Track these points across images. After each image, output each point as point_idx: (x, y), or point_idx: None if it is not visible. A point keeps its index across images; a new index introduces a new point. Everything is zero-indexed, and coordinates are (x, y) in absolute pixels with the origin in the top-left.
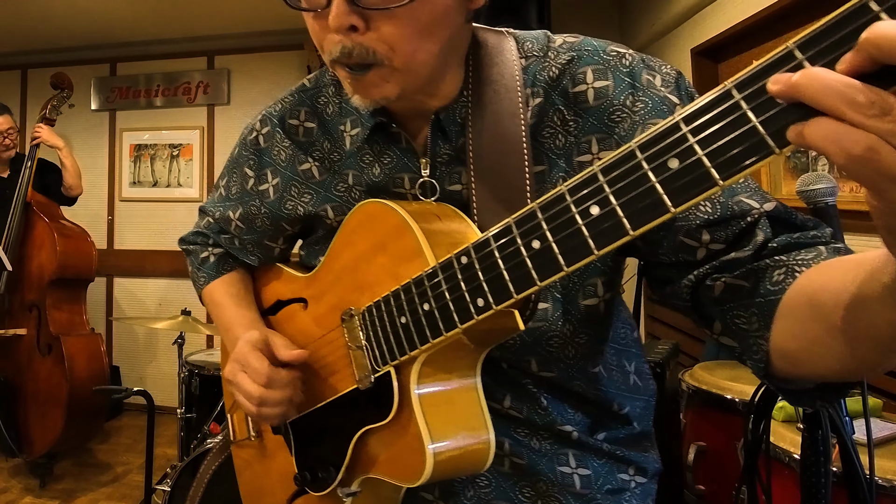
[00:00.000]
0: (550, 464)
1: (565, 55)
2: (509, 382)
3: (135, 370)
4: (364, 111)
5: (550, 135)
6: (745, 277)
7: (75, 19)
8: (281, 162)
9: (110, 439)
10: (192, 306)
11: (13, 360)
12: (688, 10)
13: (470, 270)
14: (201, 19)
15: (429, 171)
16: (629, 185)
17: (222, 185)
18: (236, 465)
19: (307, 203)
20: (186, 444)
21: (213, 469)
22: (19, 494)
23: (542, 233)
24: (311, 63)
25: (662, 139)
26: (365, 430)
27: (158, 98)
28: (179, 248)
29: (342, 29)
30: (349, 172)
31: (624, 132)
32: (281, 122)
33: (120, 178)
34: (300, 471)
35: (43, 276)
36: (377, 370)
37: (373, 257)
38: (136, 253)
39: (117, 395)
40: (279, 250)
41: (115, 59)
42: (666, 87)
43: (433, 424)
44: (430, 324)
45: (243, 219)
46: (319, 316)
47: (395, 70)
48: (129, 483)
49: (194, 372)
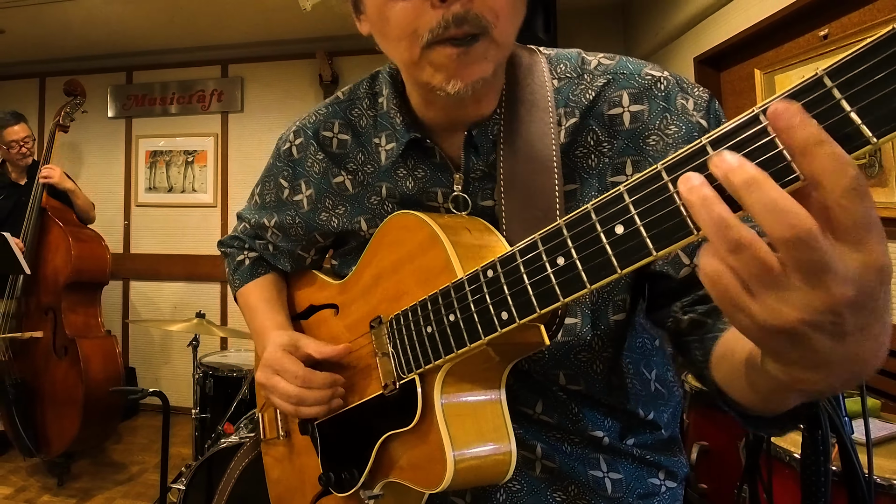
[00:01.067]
0: (582, 467)
1: (601, 78)
2: (540, 390)
3: (150, 371)
4: (457, 92)
5: (583, 154)
6: (709, 315)
7: (92, 29)
8: (315, 174)
9: (126, 439)
10: (206, 309)
11: (30, 362)
12: (691, 19)
13: (495, 284)
14: (215, 29)
15: (461, 186)
16: (655, 206)
17: (257, 192)
18: (265, 463)
19: (341, 215)
20: (201, 443)
21: (242, 465)
22: (38, 493)
23: (567, 250)
24: (322, 72)
25: (689, 161)
26: (388, 436)
27: (173, 105)
28: (193, 253)
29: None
30: (382, 185)
31: (657, 154)
32: (315, 134)
33: (136, 184)
34: (325, 472)
35: (58, 279)
36: (402, 377)
37: (403, 267)
38: (152, 257)
39: (133, 395)
40: (311, 260)
41: (131, 67)
42: (697, 112)
43: (455, 433)
44: (455, 335)
45: (279, 227)
46: (349, 322)
47: (494, 42)
48: (145, 482)
49: (208, 373)
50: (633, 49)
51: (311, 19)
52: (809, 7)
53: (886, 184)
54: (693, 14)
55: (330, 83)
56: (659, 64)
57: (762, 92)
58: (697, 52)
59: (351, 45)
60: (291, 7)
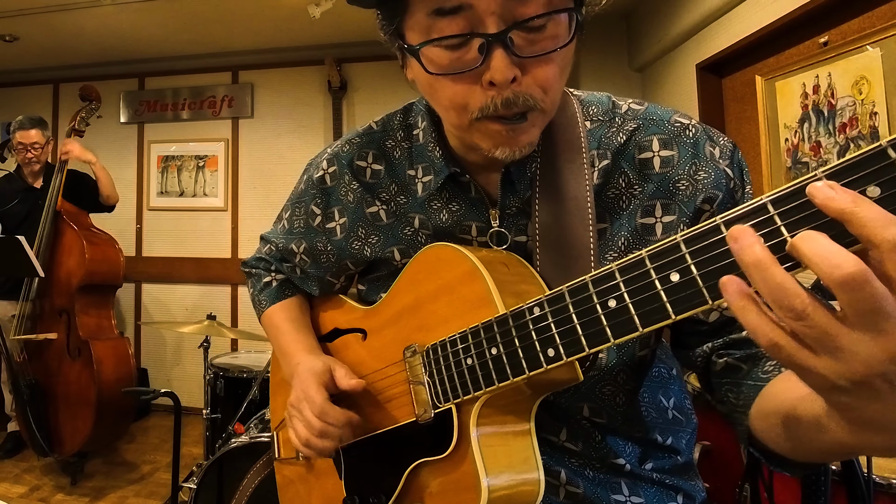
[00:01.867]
0: (605, 492)
1: (632, 122)
2: (564, 418)
3: (162, 372)
4: (504, 157)
5: (615, 195)
6: (745, 360)
7: (105, 36)
8: (349, 203)
9: (138, 439)
10: (217, 311)
11: (44, 363)
12: (693, 27)
13: (542, 322)
14: (226, 36)
15: (498, 221)
16: (712, 257)
17: (285, 217)
18: (278, 481)
19: (374, 244)
20: (211, 443)
21: (255, 484)
22: (51, 492)
23: (620, 294)
24: (330, 78)
25: (748, 218)
26: (420, 462)
27: (185, 111)
28: (205, 256)
29: (506, 82)
30: (416, 216)
31: (686, 199)
32: (349, 163)
33: (148, 188)
34: (349, 495)
35: (72, 282)
36: (438, 406)
37: (439, 298)
38: (164, 260)
39: (145, 396)
40: (339, 286)
41: (143, 73)
42: (723, 160)
43: (489, 463)
44: (497, 368)
45: (308, 253)
46: (378, 348)
47: (542, 112)
48: (157, 481)
49: (219, 374)
50: (637, 56)
51: (319, 27)
52: (809, 14)
53: None
54: (695, 21)
55: (338, 89)
56: (661, 70)
57: (763, 98)
58: (699, 58)
59: (358, 52)
60: (300, 15)
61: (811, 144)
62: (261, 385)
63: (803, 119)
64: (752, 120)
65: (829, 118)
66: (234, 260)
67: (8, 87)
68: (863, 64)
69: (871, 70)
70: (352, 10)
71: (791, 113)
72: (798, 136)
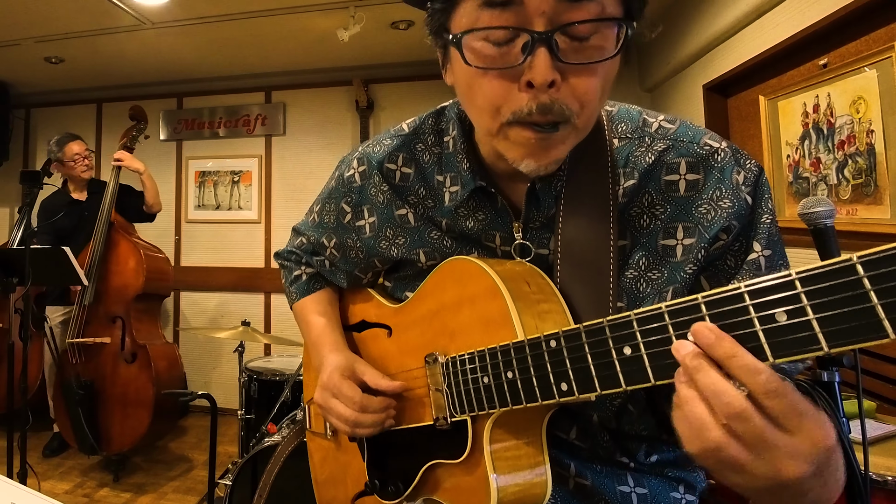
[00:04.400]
0: (611, 483)
1: (661, 143)
2: (575, 418)
3: (200, 376)
4: (530, 171)
5: (637, 214)
6: None
7: (146, 58)
8: (379, 203)
9: (177, 438)
10: (251, 317)
11: (97, 365)
12: (700, 50)
13: (558, 356)
14: (259, 58)
15: (521, 234)
16: (732, 325)
17: (316, 210)
18: (309, 448)
19: (401, 245)
20: (246, 442)
21: (289, 449)
22: (95, 488)
23: (636, 343)
24: (358, 98)
25: (773, 291)
26: (435, 462)
27: (221, 129)
28: (239, 266)
29: (545, 84)
30: (443, 221)
31: (707, 223)
32: (379, 165)
33: (186, 202)
34: (371, 479)
35: (128, 290)
36: (454, 416)
37: (462, 309)
38: (201, 269)
39: (184, 398)
40: (366, 281)
41: (181, 93)
42: (746, 187)
43: (500, 470)
44: (512, 392)
45: (338, 247)
46: (402, 347)
47: (575, 129)
48: (194, 477)
49: (253, 377)
50: (648, 77)
51: (347, 50)
52: (810, 38)
53: (882, 202)
54: (702, 44)
55: (365, 108)
56: (670, 91)
57: (766, 117)
58: (706, 79)
59: (384, 74)
60: (330, 38)
61: (811, 160)
62: (292, 387)
63: (804, 137)
64: (755, 137)
65: (829, 136)
66: (268, 269)
67: (55, 106)
68: (860, 85)
69: (868, 90)
70: (378, 33)
71: (792, 131)
72: (799, 153)
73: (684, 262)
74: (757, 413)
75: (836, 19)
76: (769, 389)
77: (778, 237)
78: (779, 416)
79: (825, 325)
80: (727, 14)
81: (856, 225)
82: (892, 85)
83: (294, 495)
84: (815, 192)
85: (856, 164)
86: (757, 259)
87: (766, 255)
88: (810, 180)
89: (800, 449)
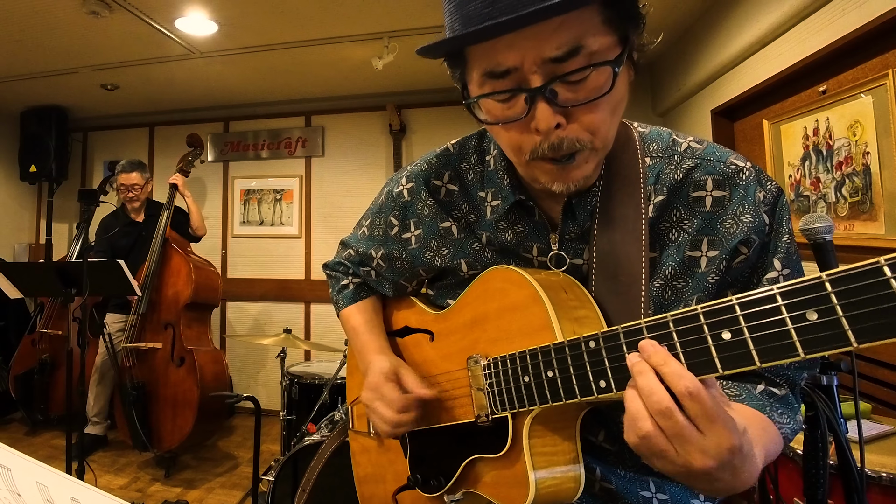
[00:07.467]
0: (634, 488)
1: (689, 161)
2: (605, 421)
3: (245, 379)
4: (561, 192)
5: (666, 228)
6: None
7: (195, 85)
8: (425, 217)
9: (224, 437)
10: (292, 325)
11: (149, 369)
12: (708, 76)
13: (597, 356)
14: (300, 85)
15: (557, 245)
16: (765, 324)
17: (365, 224)
18: (352, 447)
19: (445, 256)
20: (287, 441)
21: (333, 447)
22: (148, 483)
23: (672, 343)
24: (391, 122)
25: (804, 293)
26: (476, 457)
27: (264, 151)
28: (281, 277)
29: (550, 129)
30: (484, 234)
31: (729, 236)
32: (426, 182)
33: (232, 218)
34: (413, 473)
35: (179, 300)
36: (495, 413)
37: (504, 315)
38: (246, 281)
39: (230, 400)
40: (411, 290)
41: (228, 118)
42: (765, 205)
43: (538, 464)
44: (552, 390)
45: (385, 258)
46: (444, 351)
47: (593, 151)
48: (240, 474)
49: (294, 381)
50: (659, 102)
51: (382, 77)
52: (810, 66)
53: (876, 218)
54: (710, 72)
55: (398, 131)
56: (680, 115)
57: (769, 139)
58: (714, 104)
59: (416, 100)
60: (365, 67)
61: (811, 180)
62: (330, 390)
63: (805, 158)
64: (759, 159)
65: (828, 157)
66: (308, 281)
67: (110, 129)
68: (857, 110)
69: (864, 115)
70: (410, 62)
71: (794, 152)
72: (800, 173)
73: (708, 272)
74: (678, 412)
75: (835, 49)
76: (689, 392)
77: (797, 256)
78: (695, 418)
79: (854, 323)
80: (734, 44)
81: (852, 239)
82: (886, 110)
83: (335, 490)
84: (815, 210)
85: (852, 183)
86: (776, 279)
87: (784, 275)
88: (810, 198)
89: (707, 447)
